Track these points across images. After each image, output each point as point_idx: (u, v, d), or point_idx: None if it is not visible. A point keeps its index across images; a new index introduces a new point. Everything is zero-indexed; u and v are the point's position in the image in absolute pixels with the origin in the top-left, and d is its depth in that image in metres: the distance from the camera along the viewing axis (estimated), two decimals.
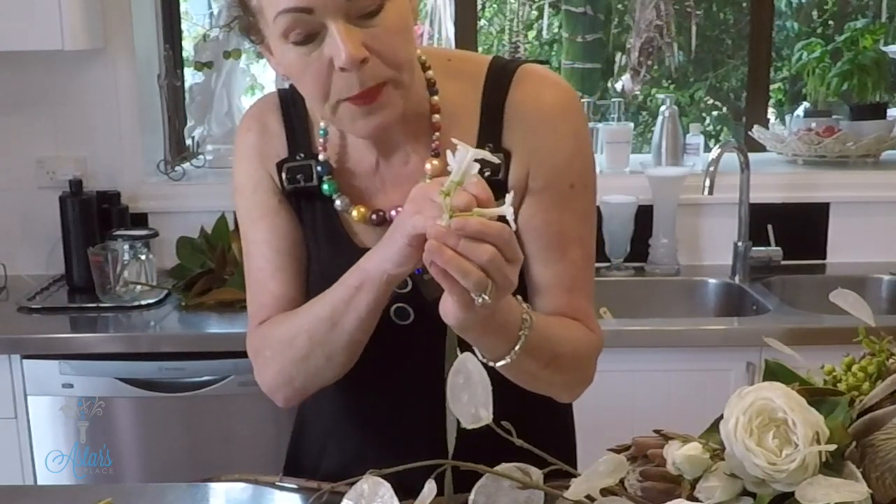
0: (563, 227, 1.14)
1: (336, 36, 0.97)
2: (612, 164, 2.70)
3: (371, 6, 0.99)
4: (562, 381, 1.13)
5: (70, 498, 1.28)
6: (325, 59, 0.99)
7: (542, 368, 1.06)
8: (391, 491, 0.87)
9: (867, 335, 0.92)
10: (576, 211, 1.15)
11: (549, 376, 1.09)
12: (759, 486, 0.83)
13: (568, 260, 1.14)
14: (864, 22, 3.10)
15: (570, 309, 1.14)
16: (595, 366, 1.17)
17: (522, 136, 1.13)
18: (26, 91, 2.57)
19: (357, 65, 0.98)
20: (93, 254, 2.34)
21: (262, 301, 1.19)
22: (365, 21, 0.99)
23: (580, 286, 1.15)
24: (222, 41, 2.63)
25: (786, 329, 2.09)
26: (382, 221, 1.14)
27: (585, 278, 1.16)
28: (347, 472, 0.99)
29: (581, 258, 1.15)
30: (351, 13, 0.98)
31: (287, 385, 1.15)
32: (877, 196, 2.62)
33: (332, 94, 1.02)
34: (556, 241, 1.13)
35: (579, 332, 1.13)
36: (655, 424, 0.95)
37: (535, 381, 1.09)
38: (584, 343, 1.13)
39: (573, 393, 1.19)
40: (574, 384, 1.16)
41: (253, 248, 1.20)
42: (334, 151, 1.17)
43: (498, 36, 5.19)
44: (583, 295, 1.16)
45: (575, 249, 1.14)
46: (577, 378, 1.15)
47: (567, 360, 1.10)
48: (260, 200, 1.19)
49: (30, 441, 2.18)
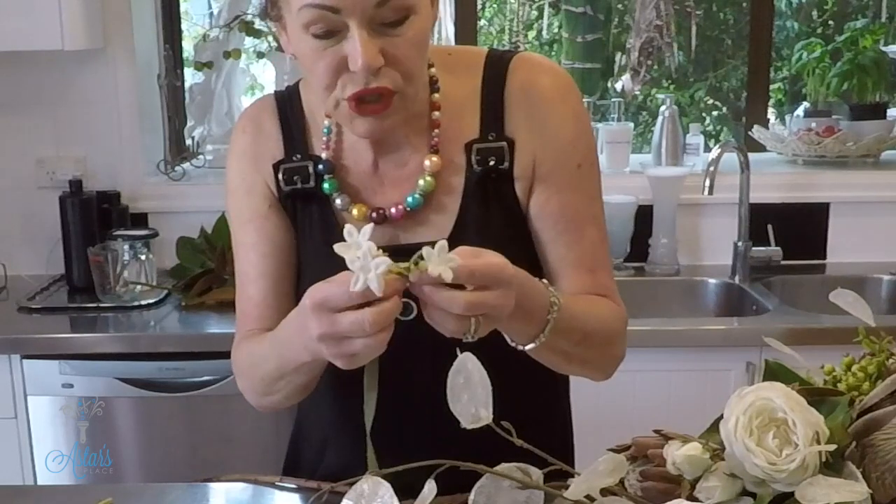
0: (578, 208, 1.15)
1: (356, 39, 0.98)
2: (612, 164, 2.70)
3: (396, 16, 1.00)
4: (595, 356, 1.13)
5: (70, 498, 1.28)
6: (340, 56, 1.00)
7: (574, 346, 1.07)
8: (391, 491, 0.87)
9: (867, 335, 0.92)
10: (586, 190, 1.17)
11: (582, 353, 1.09)
12: (759, 486, 0.83)
13: (587, 240, 1.16)
14: (864, 22, 3.11)
15: (595, 287, 1.15)
16: (625, 341, 1.18)
17: (524, 122, 1.14)
18: (26, 91, 2.57)
19: (372, 71, 0.99)
20: (93, 254, 2.34)
21: (242, 308, 1.21)
22: (387, 29, 1.00)
23: (601, 264, 1.17)
24: (222, 41, 2.63)
25: (786, 329, 2.09)
26: (383, 220, 1.15)
27: (604, 255, 1.19)
28: (346, 474, 0.99)
29: (598, 236, 1.17)
30: (375, 19, 0.99)
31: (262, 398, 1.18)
32: (877, 196, 2.61)
33: (337, 89, 1.03)
34: (573, 223, 1.15)
35: (607, 308, 1.14)
36: (655, 424, 0.95)
37: (569, 361, 1.10)
38: (612, 318, 1.14)
39: (607, 369, 1.19)
40: (607, 360, 1.17)
41: (240, 250, 1.21)
42: (334, 150, 1.17)
43: (498, 36, 5.19)
44: (604, 272, 1.18)
45: (591, 228, 1.16)
46: (610, 353, 1.16)
47: (598, 337, 1.11)
48: (250, 203, 1.20)
49: (30, 441, 2.18)
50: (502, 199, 1.15)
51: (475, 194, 1.14)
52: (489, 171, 1.14)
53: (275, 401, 1.17)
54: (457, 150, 1.15)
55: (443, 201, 1.15)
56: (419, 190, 1.14)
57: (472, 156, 1.14)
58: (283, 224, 1.19)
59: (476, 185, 1.14)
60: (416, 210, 1.15)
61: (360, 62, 0.98)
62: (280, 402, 1.17)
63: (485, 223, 1.14)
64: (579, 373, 1.16)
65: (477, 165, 1.14)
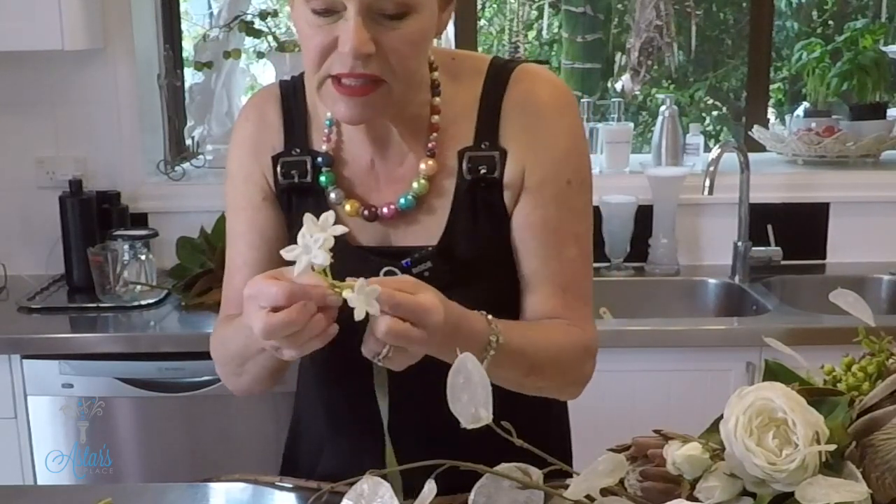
0: (560, 224, 1.14)
1: (351, 22, 0.99)
2: (612, 164, 2.70)
3: (395, 10, 1.00)
4: (549, 385, 1.14)
5: (70, 498, 1.28)
6: (332, 35, 1.01)
7: (523, 377, 1.08)
8: (391, 491, 0.86)
9: (867, 335, 0.92)
10: (573, 208, 1.15)
11: (534, 383, 1.11)
12: (759, 486, 0.83)
13: (564, 258, 1.14)
14: (864, 22, 3.10)
15: (563, 308, 1.14)
16: (588, 366, 1.17)
17: (519, 133, 1.14)
18: (26, 91, 2.57)
19: (360, 57, 1.00)
20: (93, 254, 2.34)
21: (226, 294, 1.23)
22: (384, 20, 1.01)
23: (575, 286, 1.15)
24: (222, 41, 2.63)
25: (786, 329, 2.09)
26: (375, 217, 1.16)
27: (582, 277, 1.16)
28: (343, 475, 0.99)
29: (578, 256, 1.15)
30: (374, 7, 1.00)
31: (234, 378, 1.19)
32: (877, 196, 2.61)
33: (324, 67, 1.04)
34: (552, 238, 1.14)
35: (564, 337, 1.13)
36: (655, 424, 0.95)
37: (521, 388, 1.11)
38: (568, 347, 1.13)
39: (566, 393, 1.20)
40: (564, 386, 1.17)
41: (231, 237, 1.23)
42: (332, 145, 1.18)
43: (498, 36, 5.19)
44: (578, 294, 1.16)
45: (571, 247, 1.15)
46: (566, 381, 1.16)
47: (549, 368, 1.11)
48: (245, 192, 1.21)
49: (30, 441, 2.18)
50: (491, 208, 1.15)
51: (465, 201, 1.14)
52: (479, 180, 1.14)
53: (244, 382, 1.18)
54: (452, 156, 1.15)
55: (434, 205, 1.15)
56: (412, 192, 1.14)
57: (464, 163, 1.14)
58: (275, 217, 1.20)
59: (466, 192, 1.14)
60: (408, 211, 1.15)
61: (350, 45, 0.99)
62: (251, 386, 1.18)
63: (473, 230, 1.14)
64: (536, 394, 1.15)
65: (468, 173, 1.14)
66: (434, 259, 1.13)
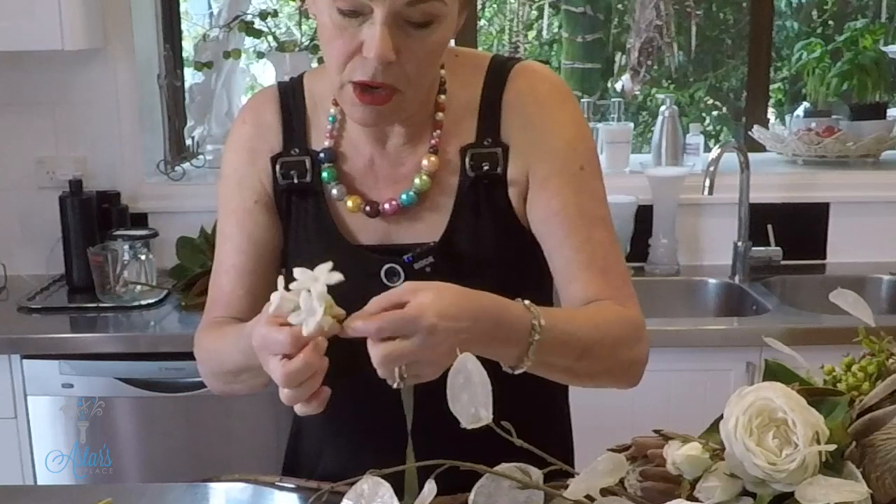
0: (583, 209, 1.13)
1: (377, 28, 0.99)
2: (612, 164, 2.70)
3: (421, 19, 1.01)
4: (602, 370, 1.09)
5: (70, 498, 1.28)
6: (357, 39, 1.01)
7: (574, 362, 1.04)
8: (391, 491, 0.86)
9: (867, 335, 0.92)
10: (592, 192, 1.15)
11: (587, 367, 1.06)
12: (759, 486, 0.82)
13: (595, 241, 1.13)
14: (864, 22, 3.10)
15: (607, 289, 1.11)
16: (640, 346, 1.12)
17: (520, 129, 1.14)
18: (26, 91, 2.57)
19: (383, 63, 1.00)
20: (93, 254, 2.34)
21: (212, 294, 1.23)
22: (409, 28, 1.01)
23: (613, 266, 1.13)
24: (222, 41, 2.63)
25: (786, 329, 2.09)
26: (376, 213, 1.16)
27: (616, 258, 1.15)
28: (344, 475, 0.99)
29: (608, 239, 1.14)
30: (401, 15, 1.00)
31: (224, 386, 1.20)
32: (877, 196, 2.61)
33: (346, 70, 1.04)
34: (578, 223, 1.12)
35: (612, 314, 1.09)
36: (655, 424, 0.95)
37: (574, 376, 1.08)
38: (617, 327, 1.09)
39: (625, 379, 1.14)
40: (619, 369, 1.11)
41: (220, 238, 1.24)
42: (334, 141, 1.18)
43: (498, 36, 5.20)
44: (617, 273, 1.13)
45: (599, 230, 1.14)
46: (619, 362, 1.10)
47: (600, 348, 1.06)
48: (237, 195, 1.21)
49: (30, 441, 2.18)
50: (494, 204, 1.15)
51: (468, 198, 1.15)
52: (482, 176, 1.14)
53: (235, 390, 1.18)
54: (454, 152, 1.15)
55: (437, 202, 1.15)
56: (414, 188, 1.15)
57: (467, 160, 1.14)
58: (267, 221, 1.20)
59: (469, 189, 1.15)
60: (410, 207, 1.15)
61: (375, 52, 0.99)
62: (242, 391, 1.18)
63: (476, 227, 1.14)
64: (593, 386, 1.11)
65: (471, 170, 1.14)
66: (436, 254, 1.13)
